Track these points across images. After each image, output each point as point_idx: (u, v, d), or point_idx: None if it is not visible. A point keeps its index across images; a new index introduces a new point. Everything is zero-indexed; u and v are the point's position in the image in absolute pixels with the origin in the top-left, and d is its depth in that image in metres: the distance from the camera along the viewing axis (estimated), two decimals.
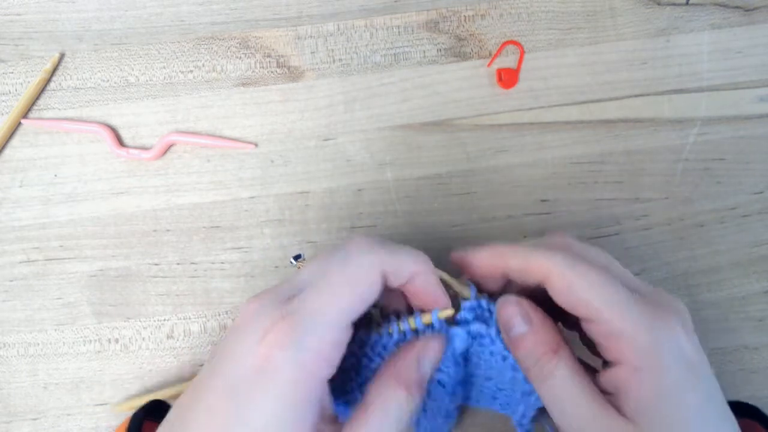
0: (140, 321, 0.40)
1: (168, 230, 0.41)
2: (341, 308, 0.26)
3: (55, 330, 0.40)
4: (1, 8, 0.43)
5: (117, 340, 0.40)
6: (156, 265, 0.40)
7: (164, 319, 0.40)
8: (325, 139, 0.41)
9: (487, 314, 0.30)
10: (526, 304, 0.29)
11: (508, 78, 0.41)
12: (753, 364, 0.39)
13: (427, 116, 0.42)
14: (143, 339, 0.40)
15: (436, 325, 0.29)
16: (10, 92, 0.42)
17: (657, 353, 0.26)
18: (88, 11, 0.43)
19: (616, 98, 0.42)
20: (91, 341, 0.40)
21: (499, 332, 0.30)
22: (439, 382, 0.31)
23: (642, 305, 0.27)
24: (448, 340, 0.29)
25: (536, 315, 0.29)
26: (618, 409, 0.27)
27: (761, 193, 0.41)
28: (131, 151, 0.41)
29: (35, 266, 0.41)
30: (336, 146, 0.41)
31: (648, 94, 0.42)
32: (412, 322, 0.29)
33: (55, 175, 0.41)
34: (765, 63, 0.42)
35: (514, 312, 0.29)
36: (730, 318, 0.39)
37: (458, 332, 0.29)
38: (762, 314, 0.40)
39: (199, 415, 0.26)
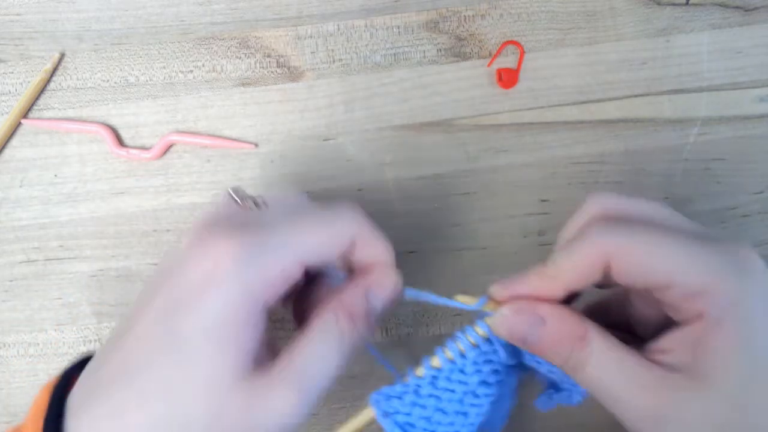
0: None
1: (168, 230, 0.41)
2: (305, 245, 0.26)
3: (55, 330, 0.40)
4: (1, 8, 0.43)
5: None
6: (156, 265, 0.40)
7: None
8: (325, 139, 0.41)
9: None
10: (528, 305, 0.27)
11: (508, 78, 0.41)
12: None
13: (427, 116, 0.42)
14: None
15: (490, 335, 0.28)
16: (10, 92, 0.42)
17: (742, 301, 0.24)
18: (88, 11, 0.43)
19: (616, 98, 0.42)
20: (91, 341, 0.40)
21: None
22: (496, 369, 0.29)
23: (716, 252, 0.25)
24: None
25: (547, 309, 0.27)
26: (683, 368, 0.25)
27: (761, 193, 0.41)
28: (131, 151, 0.41)
29: (35, 266, 0.41)
30: (336, 146, 0.41)
31: (648, 94, 0.42)
32: (470, 338, 0.28)
33: (55, 175, 0.41)
34: (765, 63, 0.42)
35: (516, 320, 0.27)
36: None
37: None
38: None
39: (137, 329, 0.25)
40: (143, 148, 0.41)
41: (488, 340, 0.28)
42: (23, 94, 0.42)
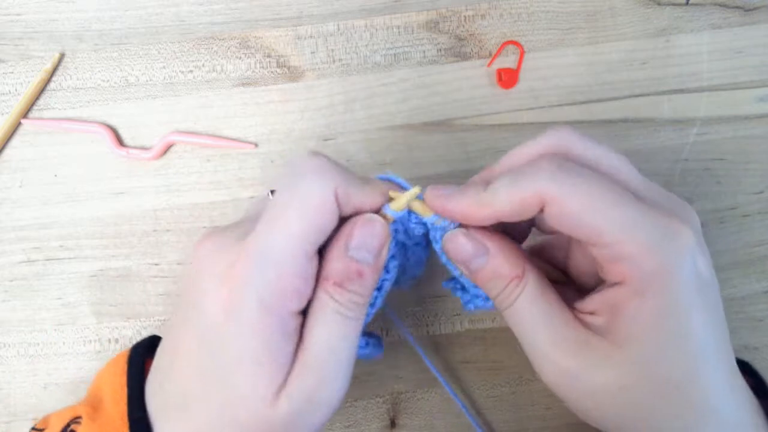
0: (140, 321, 0.40)
1: (168, 230, 0.41)
2: (296, 240, 0.25)
3: (55, 330, 0.40)
4: (1, 8, 0.43)
5: (117, 340, 0.40)
6: (156, 265, 0.40)
7: (164, 319, 0.40)
8: (325, 139, 0.41)
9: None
10: (477, 233, 0.27)
11: (508, 78, 0.41)
12: (753, 364, 0.39)
13: (427, 116, 0.42)
14: None
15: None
16: (10, 92, 0.42)
17: (665, 276, 0.24)
18: (88, 11, 0.43)
19: (616, 98, 0.42)
20: (91, 341, 0.40)
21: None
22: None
23: (651, 220, 0.24)
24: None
25: (492, 241, 0.27)
26: (604, 331, 0.25)
27: (761, 193, 0.41)
28: (131, 151, 0.41)
29: (35, 266, 0.41)
30: (336, 146, 0.41)
31: (648, 94, 0.42)
32: None
33: (55, 175, 0.41)
34: (765, 63, 0.42)
35: (464, 245, 0.27)
36: (730, 318, 0.39)
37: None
38: (762, 314, 0.40)
39: (180, 365, 0.26)
40: (143, 148, 0.41)
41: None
42: (23, 94, 0.42)
